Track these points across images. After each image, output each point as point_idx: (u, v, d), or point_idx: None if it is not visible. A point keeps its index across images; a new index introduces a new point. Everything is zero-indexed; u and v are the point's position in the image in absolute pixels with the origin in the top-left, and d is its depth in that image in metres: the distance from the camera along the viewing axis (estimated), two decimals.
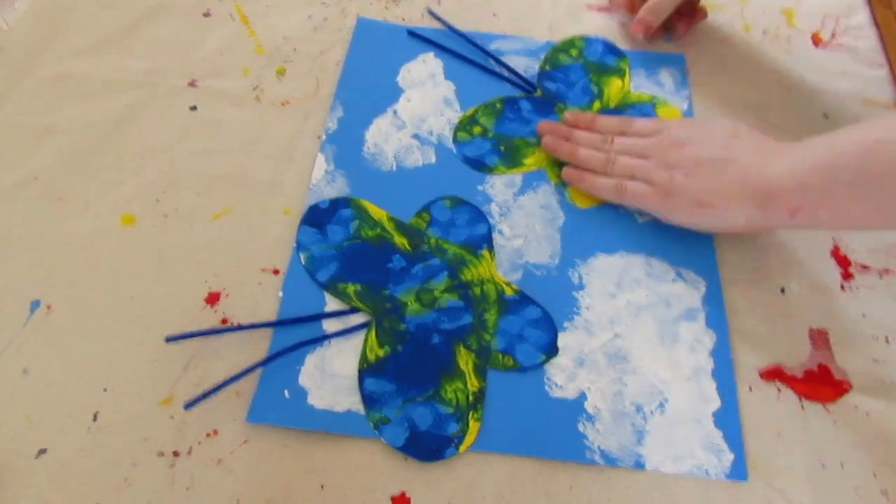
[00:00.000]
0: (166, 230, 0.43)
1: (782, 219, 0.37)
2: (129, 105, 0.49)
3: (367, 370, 0.38)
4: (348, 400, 0.37)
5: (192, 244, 0.43)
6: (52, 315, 0.40)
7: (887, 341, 0.40)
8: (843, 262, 0.44)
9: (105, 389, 0.37)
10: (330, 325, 0.40)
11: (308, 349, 0.39)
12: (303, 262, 0.42)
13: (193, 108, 0.49)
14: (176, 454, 0.36)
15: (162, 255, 0.42)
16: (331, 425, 0.36)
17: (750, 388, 0.39)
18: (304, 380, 0.38)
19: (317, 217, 0.44)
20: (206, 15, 0.55)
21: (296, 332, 0.39)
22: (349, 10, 0.56)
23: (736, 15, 0.57)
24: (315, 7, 0.56)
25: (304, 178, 0.46)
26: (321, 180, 0.45)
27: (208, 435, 0.36)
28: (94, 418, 0.37)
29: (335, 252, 0.42)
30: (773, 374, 0.39)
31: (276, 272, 0.42)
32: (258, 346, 0.39)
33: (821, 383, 0.39)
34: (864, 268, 0.43)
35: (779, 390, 0.39)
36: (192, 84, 0.50)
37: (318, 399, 0.37)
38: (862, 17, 0.57)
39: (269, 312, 0.40)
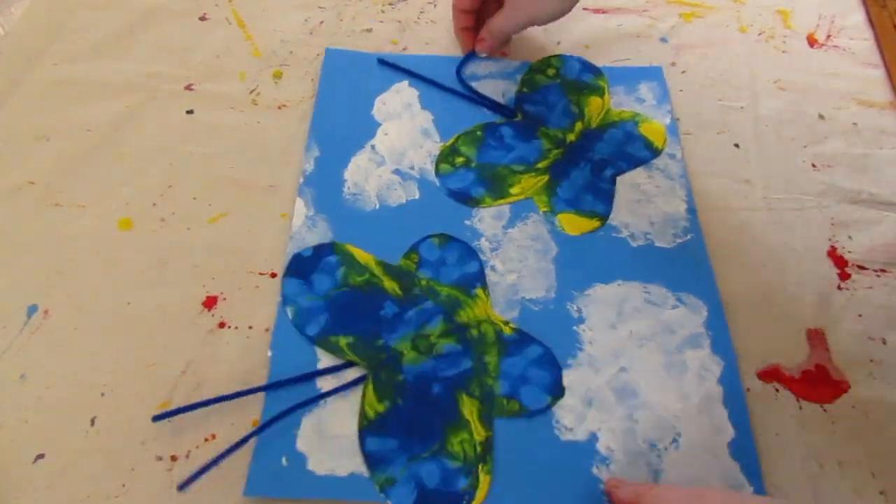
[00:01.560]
0: (163, 234, 0.44)
1: None
2: (126, 109, 0.50)
3: (367, 428, 0.37)
4: (351, 462, 0.36)
5: (190, 248, 0.43)
6: (50, 320, 0.40)
7: (884, 342, 0.40)
8: (839, 262, 0.44)
9: (103, 394, 0.38)
10: (325, 383, 0.38)
11: (304, 411, 0.37)
12: (290, 317, 0.40)
13: (190, 111, 0.50)
14: (174, 458, 0.36)
15: (159, 259, 0.43)
16: (334, 492, 0.35)
17: (748, 389, 0.39)
18: (302, 444, 0.36)
19: (301, 267, 0.42)
20: (203, 19, 0.55)
21: (289, 393, 0.38)
22: (345, 14, 0.57)
23: (732, 16, 0.58)
24: (311, 10, 0.57)
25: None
26: (301, 227, 0.44)
27: (206, 439, 0.36)
28: (92, 423, 0.37)
29: (323, 303, 0.41)
30: (771, 375, 0.39)
31: (273, 276, 0.42)
32: (257, 352, 0.39)
33: (819, 384, 0.39)
34: (861, 268, 0.44)
35: (777, 391, 0.39)
36: (189, 88, 0.51)
37: (319, 464, 0.36)
38: (857, 17, 0.58)
39: (267, 316, 0.41)
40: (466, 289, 0.42)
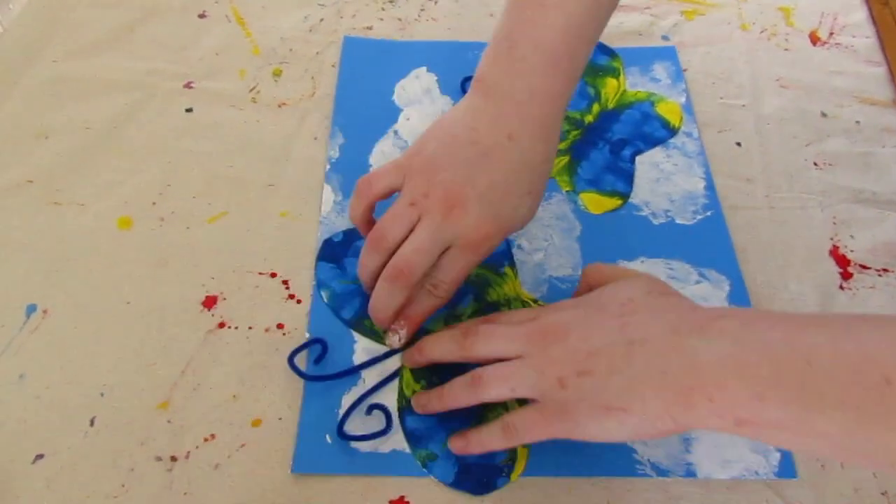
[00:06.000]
0: (163, 233, 0.45)
1: (722, 424, 0.28)
2: (126, 107, 0.51)
3: (406, 407, 0.38)
4: (392, 439, 0.37)
5: (189, 247, 0.44)
6: (49, 319, 0.41)
7: None
8: (842, 261, 0.44)
9: (102, 394, 0.38)
10: (363, 363, 0.39)
11: (344, 390, 0.39)
12: (325, 301, 0.42)
13: (189, 109, 0.50)
14: (174, 459, 0.36)
15: (159, 258, 0.44)
16: (379, 468, 0.36)
17: None
18: (344, 423, 0.38)
19: (332, 251, 0.44)
20: (202, 16, 0.56)
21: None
22: (345, 11, 0.57)
23: (734, 14, 0.59)
24: (311, 8, 0.57)
25: (302, 180, 0.47)
26: (331, 212, 0.46)
27: (206, 439, 0.37)
28: (92, 423, 0.37)
29: (356, 286, 0.42)
30: None
31: (273, 275, 0.43)
32: (259, 350, 0.40)
33: None
34: (864, 268, 0.44)
35: None
36: (189, 86, 0.51)
37: (362, 441, 0.37)
38: (860, 15, 0.59)
39: (268, 317, 0.41)
40: (495, 268, 0.43)
